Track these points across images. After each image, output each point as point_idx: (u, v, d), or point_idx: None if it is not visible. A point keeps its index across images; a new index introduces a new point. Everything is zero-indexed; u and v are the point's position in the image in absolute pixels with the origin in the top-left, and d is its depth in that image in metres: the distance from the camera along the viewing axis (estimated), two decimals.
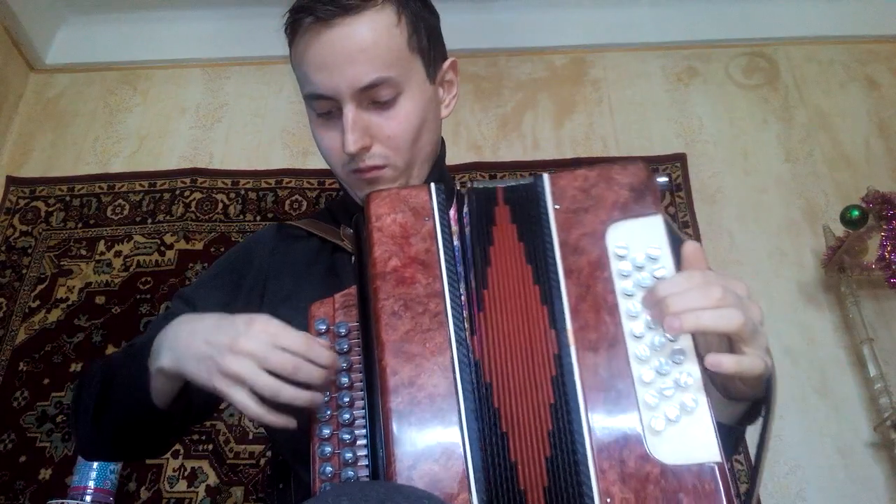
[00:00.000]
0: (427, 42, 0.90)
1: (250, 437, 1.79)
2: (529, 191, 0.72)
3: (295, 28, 0.88)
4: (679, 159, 2.13)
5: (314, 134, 0.91)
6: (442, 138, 0.97)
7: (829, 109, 2.22)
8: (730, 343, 0.65)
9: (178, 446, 1.78)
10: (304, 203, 2.13)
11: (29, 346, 1.93)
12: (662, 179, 0.72)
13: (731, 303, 0.63)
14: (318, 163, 2.20)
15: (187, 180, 2.16)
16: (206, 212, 2.12)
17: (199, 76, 2.40)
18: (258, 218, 2.11)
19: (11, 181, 2.21)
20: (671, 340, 0.65)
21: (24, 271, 2.05)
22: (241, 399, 0.66)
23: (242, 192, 2.15)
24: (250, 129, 2.29)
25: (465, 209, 0.72)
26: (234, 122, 2.30)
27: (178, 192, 2.15)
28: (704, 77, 2.31)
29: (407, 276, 0.67)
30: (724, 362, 0.62)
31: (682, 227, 2.00)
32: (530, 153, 2.18)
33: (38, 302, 2.00)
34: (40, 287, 2.02)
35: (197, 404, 0.83)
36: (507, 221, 0.72)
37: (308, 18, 0.84)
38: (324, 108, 0.86)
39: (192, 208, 2.12)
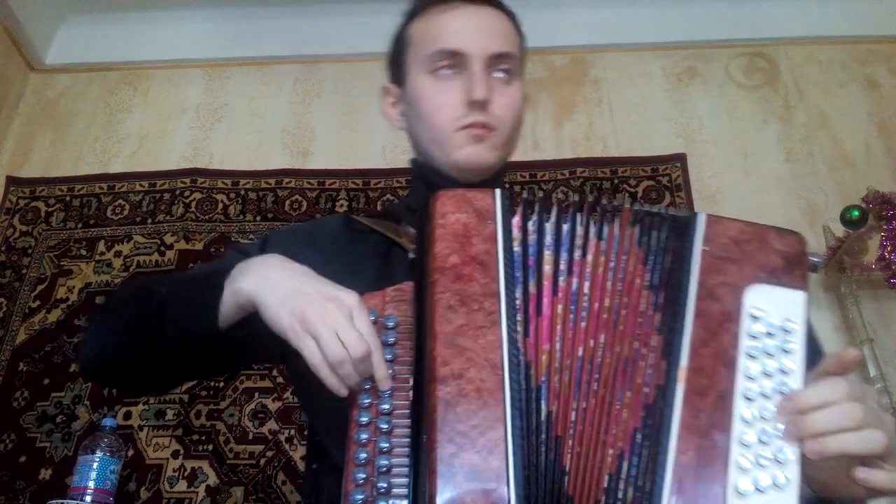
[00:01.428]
0: (525, 60, 1.03)
1: (250, 437, 1.79)
2: (683, 223, 0.74)
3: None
4: (679, 159, 2.13)
5: (421, 95, 0.96)
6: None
7: (829, 109, 2.22)
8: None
9: (177, 446, 1.78)
10: (305, 203, 2.13)
11: (29, 346, 1.93)
12: (815, 258, 0.73)
13: (873, 422, 0.63)
14: (318, 163, 2.20)
15: (187, 180, 2.16)
16: (206, 212, 2.12)
17: (199, 76, 2.40)
18: (258, 218, 2.11)
19: (11, 181, 2.21)
20: None
21: (24, 271, 2.05)
22: (311, 347, 0.67)
23: (242, 192, 2.15)
24: (250, 129, 2.29)
25: (534, 218, 0.73)
26: (234, 122, 2.30)
27: (178, 192, 2.15)
28: (704, 77, 2.31)
29: (465, 274, 0.68)
30: (878, 479, 0.64)
31: None
32: (530, 153, 2.18)
33: (38, 302, 2.00)
34: (40, 287, 2.02)
35: (256, 341, 0.81)
36: (632, 243, 0.73)
37: None
38: (447, 64, 0.94)
39: (192, 208, 2.12)
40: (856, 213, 1.71)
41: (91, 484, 1.48)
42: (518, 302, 0.69)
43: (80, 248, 2.09)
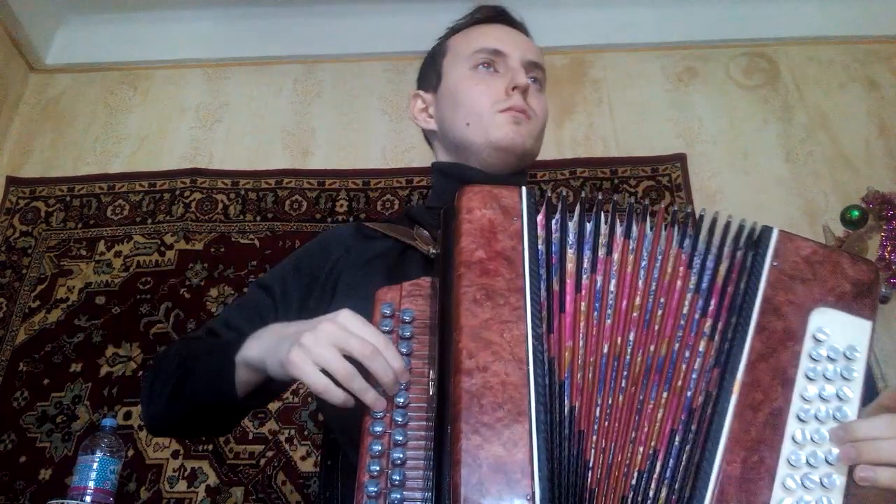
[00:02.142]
0: None
1: (250, 437, 1.79)
2: (753, 235, 0.73)
3: (482, 19, 1.10)
4: (679, 159, 2.13)
5: (461, 86, 1.04)
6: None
7: (829, 109, 2.22)
8: None
9: (178, 446, 1.78)
10: (305, 203, 2.13)
11: (29, 346, 1.93)
12: (886, 290, 0.73)
13: None
14: (318, 163, 2.20)
15: (187, 180, 2.16)
16: (206, 212, 2.12)
17: (199, 76, 2.40)
18: (258, 218, 2.11)
19: (11, 181, 2.21)
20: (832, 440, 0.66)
21: (24, 271, 2.05)
22: (312, 372, 0.67)
23: (242, 192, 2.15)
24: (250, 129, 2.29)
25: (557, 216, 0.74)
26: (234, 122, 2.30)
27: (178, 192, 2.15)
28: (704, 77, 2.31)
29: (491, 269, 0.69)
30: None
31: None
32: None
33: (38, 302, 2.00)
34: (40, 287, 2.02)
35: (274, 392, 0.89)
36: (670, 244, 0.73)
37: (499, 14, 1.11)
38: (488, 61, 1.04)
39: (192, 208, 2.12)
40: (856, 213, 1.71)
41: (91, 484, 1.48)
42: (542, 299, 0.69)
43: (80, 248, 2.09)
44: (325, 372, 0.67)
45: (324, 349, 0.67)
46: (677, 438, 0.66)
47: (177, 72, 2.41)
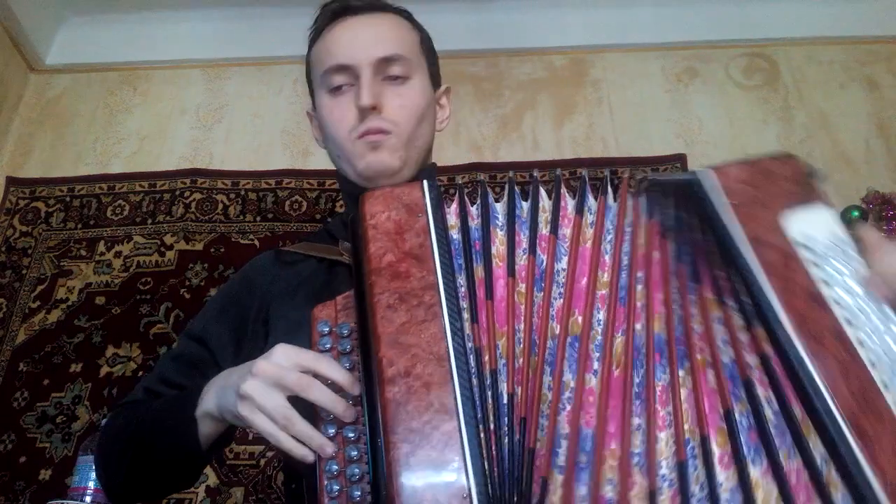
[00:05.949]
0: (432, 57, 1.03)
1: (250, 437, 1.79)
2: (694, 185, 0.71)
3: (323, 17, 1.00)
4: (679, 160, 2.13)
5: (322, 114, 0.98)
6: (433, 162, 1.04)
7: (829, 110, 2.22)
8: None
9: None
10: (304, 203, 2.13)
11: (29, 347, 1.93)
12: (813, 167, 0.71)
13: None
14: (317, 163, 2.20)
15: (187, 181, 2.16)
16: (206, 212, 2.12)
17: (199, 76, 2.40)
18: (258, 218, 2.11)
19: (11, 181, 2.21)
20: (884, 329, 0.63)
21: (24, 272, 2.05)
22: (261, 422, 0.67)
23: (242, 192, 2.15)
24: (250, 129, 2.29)
25: (478, 202, 0.72)
26: (234, 123, 2.30)
27: (178, 192, 2.15)
28: (704, 77, 2.31)
29: (402, 271, 0.67)
30: None
31: None
32: (530, 154, 2.18)
33: (38, 302, 2.00)
34: (40, 287, 2.02)
35: (232, 435, 0.87)
36: (638, 214, 0.72)
37: (339, 9, 0.99)
38: (339, 81, 0.95)
39: (192, 209, 2.12)
40: (856, 213, 1.71)
41: (91, 484, 1.48)
42: (462, 289, 0.68)
43: (80, 248, 2.09)
44: None
45: (264, 395, 0.67)
46: (737, 411, 0.61)
47: (177, 72, 2.41)
